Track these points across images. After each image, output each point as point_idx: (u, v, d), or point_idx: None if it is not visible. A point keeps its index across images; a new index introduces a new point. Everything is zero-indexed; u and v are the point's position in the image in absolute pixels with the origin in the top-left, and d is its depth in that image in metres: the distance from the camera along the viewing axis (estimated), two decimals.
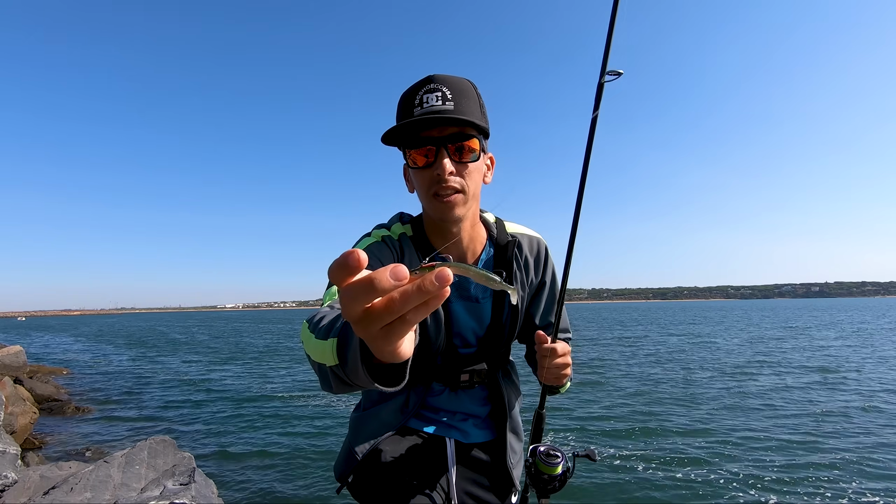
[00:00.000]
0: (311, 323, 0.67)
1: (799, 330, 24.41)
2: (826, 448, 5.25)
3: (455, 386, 1.12)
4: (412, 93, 0.97)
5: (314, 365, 0.63)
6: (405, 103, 0.98)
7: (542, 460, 1.03)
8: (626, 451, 5.31)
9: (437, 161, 0.94)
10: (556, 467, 1.02)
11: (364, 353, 0.49)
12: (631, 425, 6.33)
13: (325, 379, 0.61)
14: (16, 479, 3.45)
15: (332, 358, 0.56)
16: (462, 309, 1.09)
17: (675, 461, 4.93)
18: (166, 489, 3.08)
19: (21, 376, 9.74)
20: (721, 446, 5.40)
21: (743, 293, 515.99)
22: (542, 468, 1.03)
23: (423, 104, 0.94)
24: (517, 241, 1.14)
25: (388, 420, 1.09)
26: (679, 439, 5.70)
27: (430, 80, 0.96)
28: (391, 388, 0.51)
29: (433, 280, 0.34)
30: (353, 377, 0.52)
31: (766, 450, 5.25)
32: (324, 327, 0.62)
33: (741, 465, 4.79)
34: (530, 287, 1.16)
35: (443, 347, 1.08)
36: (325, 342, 0.58)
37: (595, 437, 5.87)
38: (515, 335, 1.19)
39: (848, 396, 7.91)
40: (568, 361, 1.04)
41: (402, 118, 0.97)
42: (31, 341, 27.81)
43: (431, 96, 0.94)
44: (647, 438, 5.78)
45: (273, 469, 5.05)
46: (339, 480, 1.08)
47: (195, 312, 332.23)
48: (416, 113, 0.94)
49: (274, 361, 15.04)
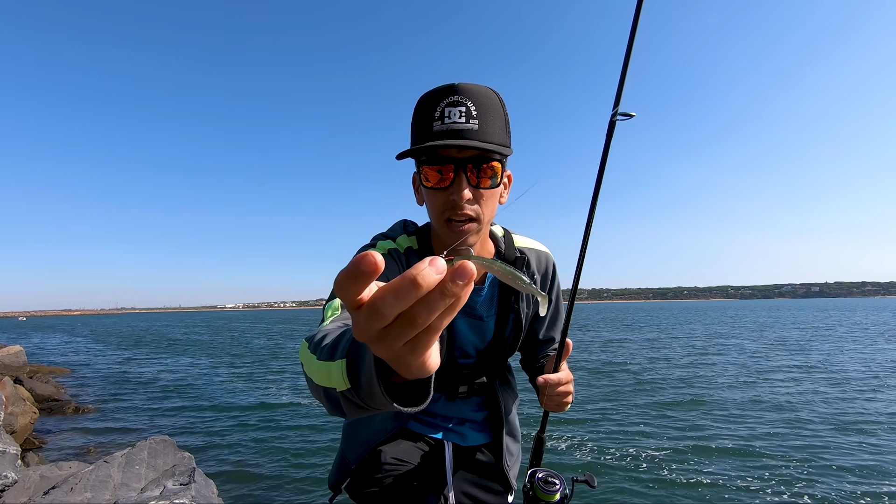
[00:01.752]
0: (311, 343, 0.60)
1: (821, 330, 23.32)
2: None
3: (452, 396, 1.12)
4: (433, 102, 0.86)
5: (317, 390, 0.56)
6: (424, 113, 0.87)
7: (541, 487, 1.01)
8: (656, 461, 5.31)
9: (454, 185, 0.85)
10: (554, 495, 1.00)
11: (380, 372, 0.43)
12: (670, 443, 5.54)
13: (333, 404, 0.53)
14: (16, 479, 3.45)
15: (342, 382, 0.49)
16: (465, 326, 1.07)
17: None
18: (166, 489, 3.08)
19: (21, 376, 9.74)
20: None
21: (743, 293, 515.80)
22: (539, 495, 1.01)
23: (445, 119, 0.84)
24: (525, 258, 1.09)
25: (381, 427, 1.07)
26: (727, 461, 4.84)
27: (454, 91, 0.85)
28: (415, 408, 0.44)
29: (455, 279, 0.29)
30: (368, 401, 0.46)
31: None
32: (327, 346, 0.55)
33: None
34: (536, 304, 1.14)
35: (442, 359, 1.06)
36: (331, 364, 0.51)
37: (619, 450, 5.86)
38: (516, 350, 1.17)
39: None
40: (570, 390, 1.00)
41: (419, 129, 0.88)
42: (32, 341, 27.78)
43: (454, 111, 0.84)
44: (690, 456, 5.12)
45: (273, 469, 5.04)
46: (332, 489, 1.07)
47: (195, 312, 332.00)
48: (436, 128, 0.84)
49: (274, 362, 15.03)
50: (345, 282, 0.29)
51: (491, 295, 1.07)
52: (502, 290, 1.07)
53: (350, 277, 0.29)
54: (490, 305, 1.07)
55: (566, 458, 5.17)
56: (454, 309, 0.31)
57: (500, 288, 1.08)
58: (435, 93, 0.87)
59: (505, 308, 1.07)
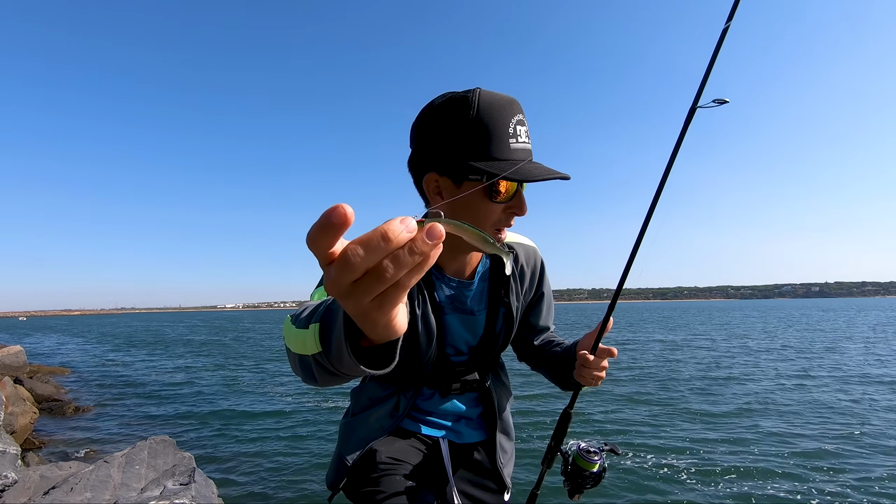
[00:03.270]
0: (293, 317, 0.63)
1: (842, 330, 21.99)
2: None
3: (446, 392, 1.12)
4: (503, 114, 0.86)
5: (294, 359, 0.59)
6: (496, 125, 0.85)
7: (583, 456, 1.06)
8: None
9: (515, 199, 0.91)
10: (594, 464, 1.05)
11: (349, 335, 0.45)
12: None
13: (307, 371, 0.56)
14: (16, 479, 3.46)
15: (314, 345, 0.52)
16: (456, 321, 1.08)
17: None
18: (166, 489, 3.08)
19: (21, 376, 9.74)
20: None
21: (743, 293, 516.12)
22: (580, 464, 1.06)
23: (518, 137, 0.87)
24: (514, 252, 1.12)
25: (377, 425, 1.08)
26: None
27: (517, 109, 0.88)
28: (380, 370, 0.47)
29: (424, 238, 0.31)
30: (337, 364, 0.48)
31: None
32: (304, 317, 0.58)
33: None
34: (526, 297, 1.16)
35: (434, 356, 1.06)
36: (305, 330, 0.54)
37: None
38: (508, 344, 1.18)
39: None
40: (606, 365, 1.06)
41: (494, 142, 0.85)
42: (32, 341, 27.78)
43: (522, 130, 0.88)
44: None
45: (273, 469, 5.04)
46: (331, 488, 1.07)
47: (195, 312, 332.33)
48: (513, 146, 0.86)
49: (275, 363, 15.03)
50: (317, 234, 0.30)
51: (481, 290, 1.08)
52: (492, 285, 1.08)
53: (322, 230, 0.30)
54: (480, 300, 1.08)
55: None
56: (421, 268, 0.32)
57: (490, 282, 1.08)
58: (502, 103, 0.87)
59: (495, 302, 1.08)
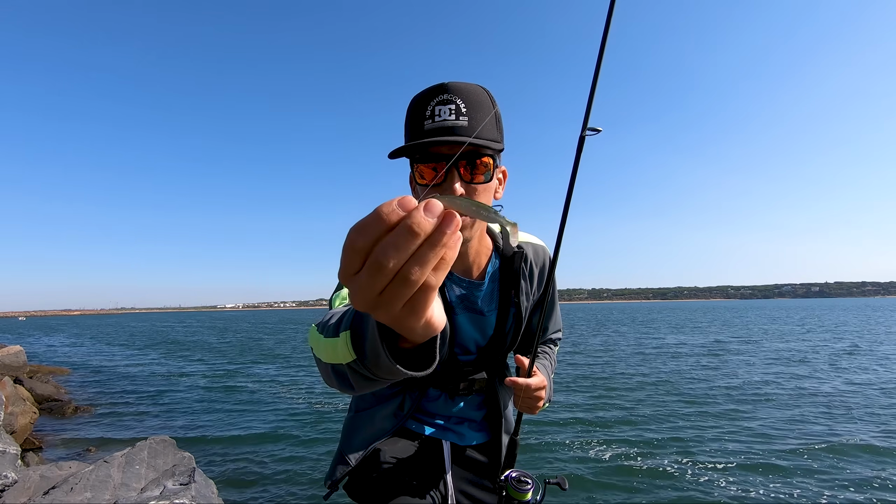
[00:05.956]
0: (319, 325, 0.62)
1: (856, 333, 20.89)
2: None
3: (453, 393, 1.12)
4: (423, 102, 0.88)
5: (325, 369, 0.57)
6: (415, 113, 0.89)
7: (514, 486, 1.02)
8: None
9: (446, 181, 0.86)
10: (525, 493, 1.01)
11: (385, 338, 0.43)
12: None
13: (342, 379, 0.55)
14: (16, 479, 3.45)
15: (347, 353, 0.50)
16: (466, 321, 1.08)
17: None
18: (166, 489, 3.08)
19: (21, 376, 9.73)
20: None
21: (743, 293, 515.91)
22: (512, 494, 1.02)
23: (436, 117, 0.86)
24: (524, 252, 1.09)
25: (382, 425, 1.08)
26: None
27: (443, 90, 0.86)
28: (423, 371, 0.45)
29: (423, 215, 0.30)
30: (375, 369, 0.46)
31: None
32: (332, 325, 0.56)
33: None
34: (534, 297, 1.15)
35: (444, 356, 1.05)
36: (336, 339, 0.53)
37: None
38: (516, 345, 1.17)
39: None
40: (542, 396, 1.02)
41: (410, 129, 0.90)
42: (32, 341, 27.77)
43: (444, 109, 0.85)
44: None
45: (273, 469, 5.04)
46: (330, 487, 1.07)
47: (195, 312, 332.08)
48: (427, 126, 0.86)
49: (275, 362, 15.03)
50: (364, 230, 0.30)
51: (491, 290, 1.07)
52: (503, 285, 1.08)
53: (370, 226, 0.30)
54: (491, 300, 1.07)
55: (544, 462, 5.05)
56: (445, 263, 0.31)
57: (500, 282, 1.08)
58: (425, 93, 0.89)
59: (505, 302, 1.08)
